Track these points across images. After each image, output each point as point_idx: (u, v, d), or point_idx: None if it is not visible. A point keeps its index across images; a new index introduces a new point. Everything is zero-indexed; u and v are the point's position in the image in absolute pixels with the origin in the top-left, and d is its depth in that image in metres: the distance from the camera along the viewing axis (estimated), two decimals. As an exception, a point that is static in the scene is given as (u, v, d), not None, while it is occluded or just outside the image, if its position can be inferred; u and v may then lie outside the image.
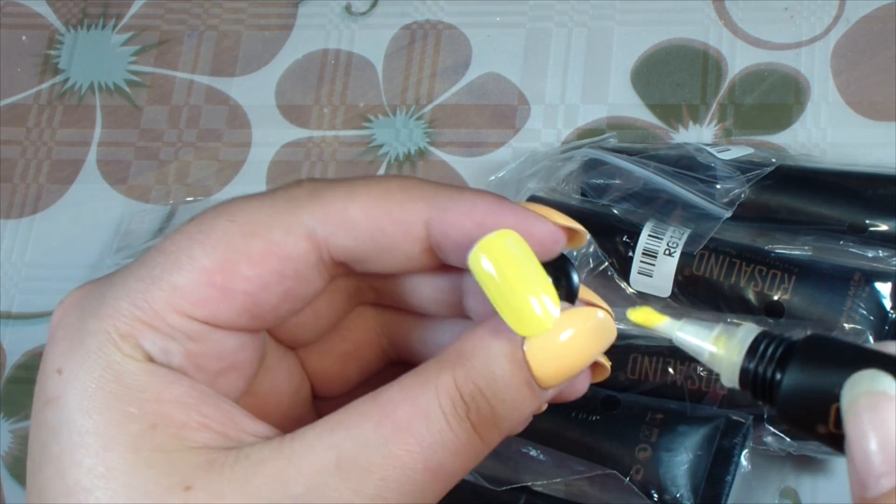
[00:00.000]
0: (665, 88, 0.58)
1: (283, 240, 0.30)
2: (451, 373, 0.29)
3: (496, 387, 0.29)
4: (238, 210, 0.30)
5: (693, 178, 0.51)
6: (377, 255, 0.31)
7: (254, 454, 0.28)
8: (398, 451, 0.28)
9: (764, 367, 0.26)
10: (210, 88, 0.63)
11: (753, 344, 0.27)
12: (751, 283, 0.49)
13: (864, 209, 0.50)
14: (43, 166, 0.63)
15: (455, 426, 0.28)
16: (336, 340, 0.35)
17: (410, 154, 0.59)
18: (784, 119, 0.57)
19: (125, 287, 0.29)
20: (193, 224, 0.30)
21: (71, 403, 0.28)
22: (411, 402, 0.28)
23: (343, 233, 0.30)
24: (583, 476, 0.46)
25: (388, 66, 0.62)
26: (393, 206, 0.30)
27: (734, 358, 0.27)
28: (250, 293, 0.30)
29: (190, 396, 0.29)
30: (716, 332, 0.28)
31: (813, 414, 0.25)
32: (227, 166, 0.61)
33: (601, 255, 0.51)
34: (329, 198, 0.30)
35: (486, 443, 0.29)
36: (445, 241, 0.30)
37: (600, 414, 0.46)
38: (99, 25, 0.66)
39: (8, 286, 0.60)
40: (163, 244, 0.30)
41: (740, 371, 0.27)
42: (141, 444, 0.28)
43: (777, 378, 0.26)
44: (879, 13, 0.58)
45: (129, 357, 0.29)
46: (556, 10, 0.61)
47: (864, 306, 0.47)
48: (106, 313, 0.29)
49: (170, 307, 0.29)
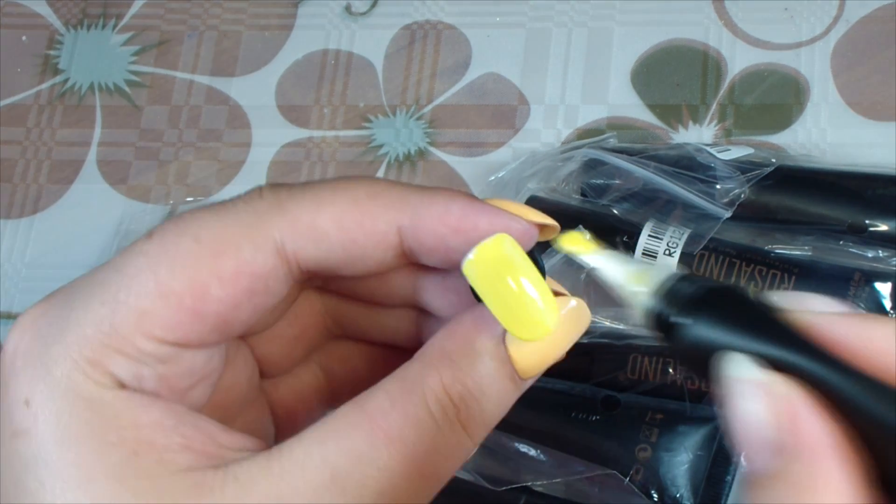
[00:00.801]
0: (665, 88, 0.58)
1: (252, 257, 0.29)
2: (437, 375, 0.28)
3: (483, 385, 0.29)
4: (202, 227, 0.29)
5: (693, 179, 0.51)
6: (348, 263, 0.30)
7: (242, 474, 0.27)
8: (392, 462, 0.27)
9: (667, 310, 0.26)
10: (210, 88, 0.63)
11: (664, 284, 0.27)
12: (751, 284, 0.49)
13: (864, 209, 0.50)
14: (43, 166, 0.63)
15: (446, 429, 0.28)
16: (284, 326, 0.34)
17: (410, 154, 0.60)
18: (784, 119, 0.57)
19: (87, 311, 0.28)
20: (152, 243, 0.29)
21: (44, 436, 0.27)
22: (401, 411, 0.28)
23: (313, 245, 0.30)
24: (583, 476, 0.46)
25: (388, 66, 0.62)
26: (363, 217, 0.30)
27: (644, 296, 0.27)
28: (222, 313, 0.29)
29: (168, 419, 0.28)
30: (634, 267, 0.28)
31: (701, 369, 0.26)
32: (227, 166, 0.61)
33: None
34: (295, 210, 0.30)
35: (474, 441, 0.29)
36: (419, 246, 0.30)
37: (600, 414, 0.46)
38: (99, 25, 0.66)
39: (8, 286, 0.60)
40: (121, 263, 0.29)
41: (646, 309, 0.27)
42: (125, 473, 0.27)
43: (677, 323, 0.26)
44: (879, 13, 0.58)
45: (100, 384, 0.28)
46: (556, 10, 0.61)
47: (863, 306, 0.47)
48: (71, 339, 0.28)
49: (139, 331, 0.28)
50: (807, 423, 0.23)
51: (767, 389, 0.24)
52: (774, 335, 0.25)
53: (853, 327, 0.24)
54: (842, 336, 0.24)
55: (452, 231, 0.30)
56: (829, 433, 0.23)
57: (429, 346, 0.29)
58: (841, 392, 0.23)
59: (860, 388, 0.23)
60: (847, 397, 0.23)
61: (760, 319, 0.25)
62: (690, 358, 0.26)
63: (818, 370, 0.24)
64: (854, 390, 0.23)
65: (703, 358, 0.25)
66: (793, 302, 0.25)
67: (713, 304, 0.26)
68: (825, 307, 0.25)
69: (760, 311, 0.25)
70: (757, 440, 0.24)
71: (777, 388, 0.24)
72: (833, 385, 0.23)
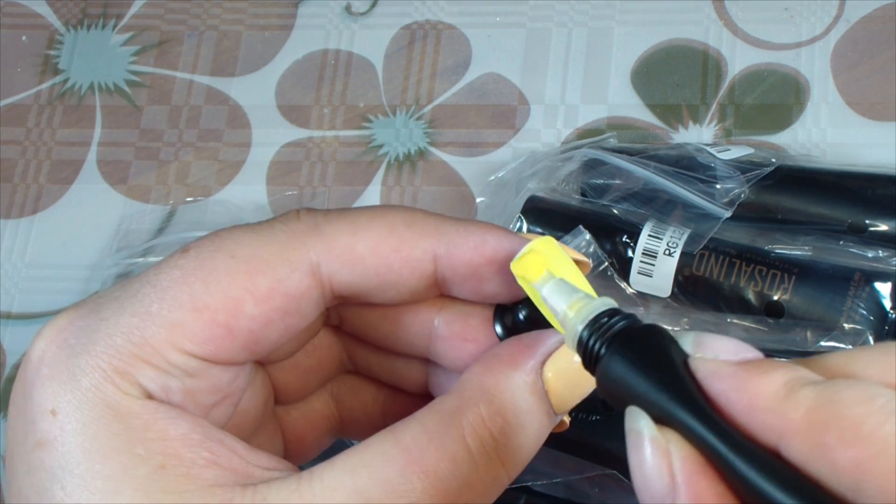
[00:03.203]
0: (665, 88, 0.58)
1: (287, 277, 0.29)
2: (477, 410, 0.28)
3: (522, 419, 0.29)
4: (238, 245, 0.29)
5: (693, 178, 0.51)
6: (381, 289, 0.31)
7: (272, 496, 0.27)
8: (425, 496, 0.27)
9: (594, 341, 0.27)
10: (210, 88, 0.63)
11: (598, 316, 0.27)
12: (751, 283, 0.49)
13: (864, 209, 0.50)
14: (43, 166, 0.63)
15: (482, 465, 0.28)
16: (302, 357, 0.35)
17: (410, 154, 0.59)
18: (784, 119, 0.57)
19: (118, 322, 0.28)
20: (188, 258, 0.29)
21: (71, 446, 0.27)
22: (438, 445, 0.28)
23: (348, 269, 0.30)
24: (583, 476, 0.46)
25: (388, 66, 0.62)
26: (401, 243, 0.30)
27: (577, 325, 0.27)
28: (253, 331, 0.29)
29: (195, 433, 0.28)
30: (577, 297, 0.28)
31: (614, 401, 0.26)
32: (227, 166, 0.61)
33: (601, 256, 0.51)
34: (332, 233, 0.30)
35: (510, 475, 0.29)
36: (454, 275, 0.30)
37: (600, 414, 0.46)
38: (99, 25, 0.66)
39: (8, 286, 0.60)
40: (154, 278, 0.29)
41: (575, 336, 0.27)
42: (152, 487, 0.27)
43: (595, 351, 0.27)
44: (879, 13, 0.58)
45: (128, 395, 0.28)
46: (556, 10, 0.61)
47: (863, 306, 0.47)
48: (99, 350, 0.28)
49: (169, 344, 0.28)
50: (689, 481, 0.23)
51: (656, 445, 0.24)
52: (671, 386, 0.25)
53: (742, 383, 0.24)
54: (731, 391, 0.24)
55: (487, 261, 0.30)
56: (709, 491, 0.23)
57: (466, 381, 0.29)
58: (718, 453, 0.23)
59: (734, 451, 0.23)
60: (724, 459, 0.23)
61: (665, 366, 0.25)
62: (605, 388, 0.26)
63: (698, 429, 0.24)
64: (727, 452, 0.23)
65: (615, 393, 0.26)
66: (703, 347, 0.25)
67: (632, 342, 0.26)
68: (729, 355, 0.25)
69: (668, 358, 0.25)
70: (648, 492, 0.24)
71: (662, 445, 0.24)
72: (711, 445, 0.24)
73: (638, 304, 0.51)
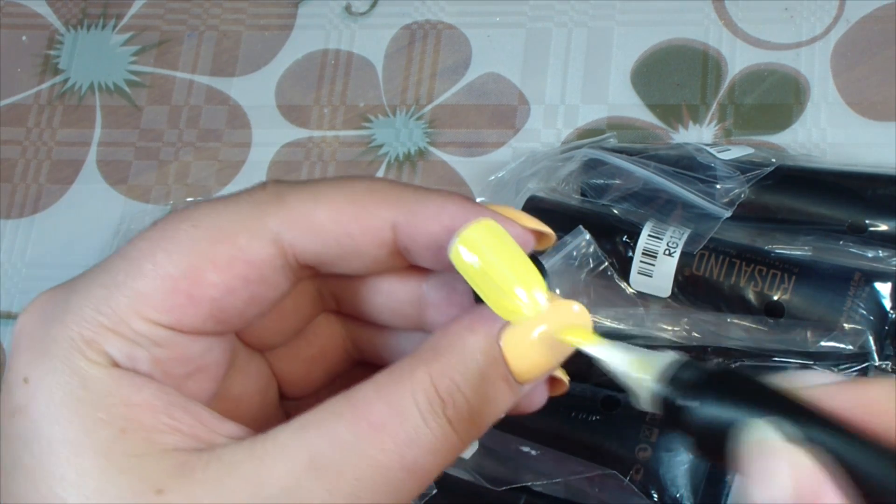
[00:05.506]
0: (665, 88, 0.59)
1: (248, 245, 0.30)
2: (426, 369, 0.29)
3: (473, 382, 0.29)
4: (202, 215, 0.30)
5: (693, 178, 0.51)
6: (343, 258, 0.31)
7: (226, 455, 0.28)
8: (373, 450, 0.27)
9: (674, 394, 0.27)
10: (210, 88, 0.63)
11: (668, 370, 0.27)
12: (751, 283, 0.49)
13: (864, 209, 0.50)
14: (43, 166, 0.63)
15: (431, 423, 0.28)
16: (302, 345, 0.35)
17: (410, 154, 0.60)
18: (784, 119, 0.57)
19: (88, 293, 0.29)
20: (156, 230, 0.30)
21: (39, 413, 0.28)
22: (386, 401, 0.28)
23: (309, 237, 0.30)
24: (583, 476, 0.46)
25: (388, 66, 0.62)
26: (359, 210, 0.30)
27: (650, 383, 0.27)
28: (216, 299, 0.29)
29: (158, 400, 0.29)
30: (635, 355, 0.28)
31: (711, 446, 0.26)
32: (227, 166, 0.61)
33: (601, 255, 0.51)
34: (294, 202, 0.30)
35: (462, 439, 0.29)
36: (413, 244, 0.30)
37: (600, 414, 0.46)
38: (99, 25, 0.66)
39: (8, 286, 0.60)
40: (125, 250, 0.30)
41: (654, 395, 0.27)
42: (112, 450, 0.27)
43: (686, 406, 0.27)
44: (879, 13, 0.58)
45: (95, 363, 0.28)
46: (556, 10, 0.61)
47: (863, 306, 0.47)
48: (70, 320, 0.29)
49: (134, 313, 0.29)
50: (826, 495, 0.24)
51: (789, 457, 0.24)
52: (784, 409, 0.25)
53: (852, 394, 0.25)
54: (844, 404, 0.25)
55: (446, 230, 0.30)
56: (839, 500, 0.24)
57: (424, 343, 0.30)
58: (853, 461, 0.24)
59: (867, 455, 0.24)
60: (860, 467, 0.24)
61: (766, 396, 0.26)
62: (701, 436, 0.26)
63: (830, 441, 0.24)
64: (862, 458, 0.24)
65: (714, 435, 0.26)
66: (792, 380, 0.26)
67: (717, 386, 0.26)
68: (821, 380, 0.25)
69: (763, 389, 0.26)
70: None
71: (797, 458, 0.24)
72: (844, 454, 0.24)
73: (638, 304, 0.51)
